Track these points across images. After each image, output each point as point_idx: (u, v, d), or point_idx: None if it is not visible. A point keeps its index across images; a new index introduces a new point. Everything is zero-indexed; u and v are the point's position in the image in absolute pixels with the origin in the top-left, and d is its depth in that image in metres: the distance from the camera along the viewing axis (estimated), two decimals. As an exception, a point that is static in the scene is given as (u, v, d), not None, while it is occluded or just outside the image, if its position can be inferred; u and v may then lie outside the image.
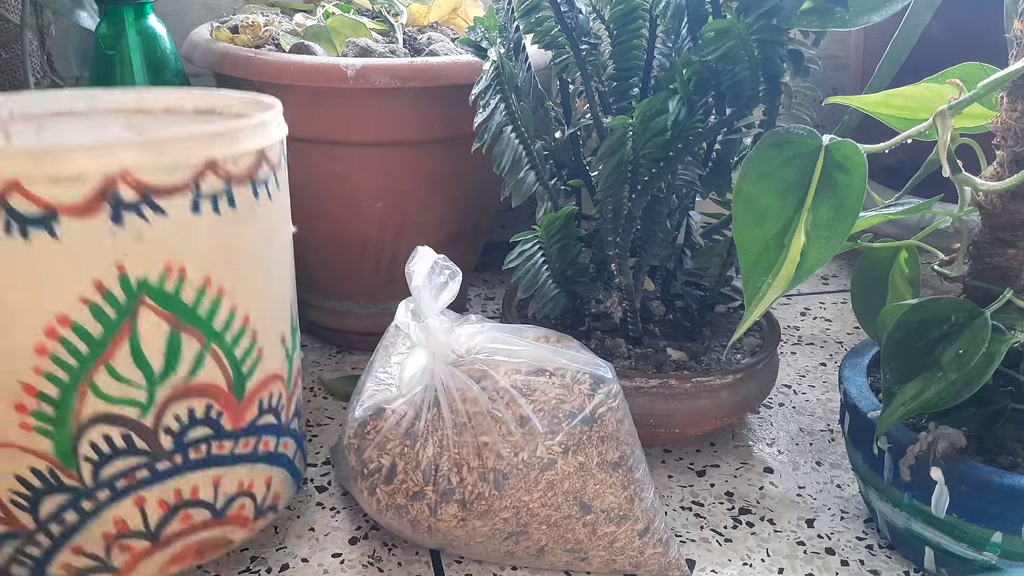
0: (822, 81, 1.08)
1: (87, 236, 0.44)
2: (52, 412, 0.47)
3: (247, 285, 0.51)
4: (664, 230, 0.68)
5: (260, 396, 0.53)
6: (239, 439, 0.53)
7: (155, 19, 0.73)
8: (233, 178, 0.48)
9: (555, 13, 0.62)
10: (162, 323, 0.47)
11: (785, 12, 0.55)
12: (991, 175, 0.54)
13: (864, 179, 0.47)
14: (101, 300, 0.45)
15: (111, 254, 0.45)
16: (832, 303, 0.98)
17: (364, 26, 0.77)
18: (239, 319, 0.50)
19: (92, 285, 0.45)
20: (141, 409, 0.48)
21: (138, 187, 0.44)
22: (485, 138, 0.64)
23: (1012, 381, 0.56)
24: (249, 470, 0.54)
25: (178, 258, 0.47)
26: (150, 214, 0.45)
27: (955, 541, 0.54)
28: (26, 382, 0.46)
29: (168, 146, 0.45)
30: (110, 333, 0.46)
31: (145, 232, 0.45)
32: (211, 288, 0.48)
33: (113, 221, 0.44)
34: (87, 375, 0.46)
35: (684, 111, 0.58)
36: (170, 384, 0.49)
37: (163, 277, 0.46)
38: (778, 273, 0.48)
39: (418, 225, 0.77)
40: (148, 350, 0.47)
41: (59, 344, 0.45)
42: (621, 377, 0.64)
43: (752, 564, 0.59)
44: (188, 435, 0.50)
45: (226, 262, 0.49)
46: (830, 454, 0.71)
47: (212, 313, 0.49)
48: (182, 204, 0.46)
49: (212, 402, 0.51)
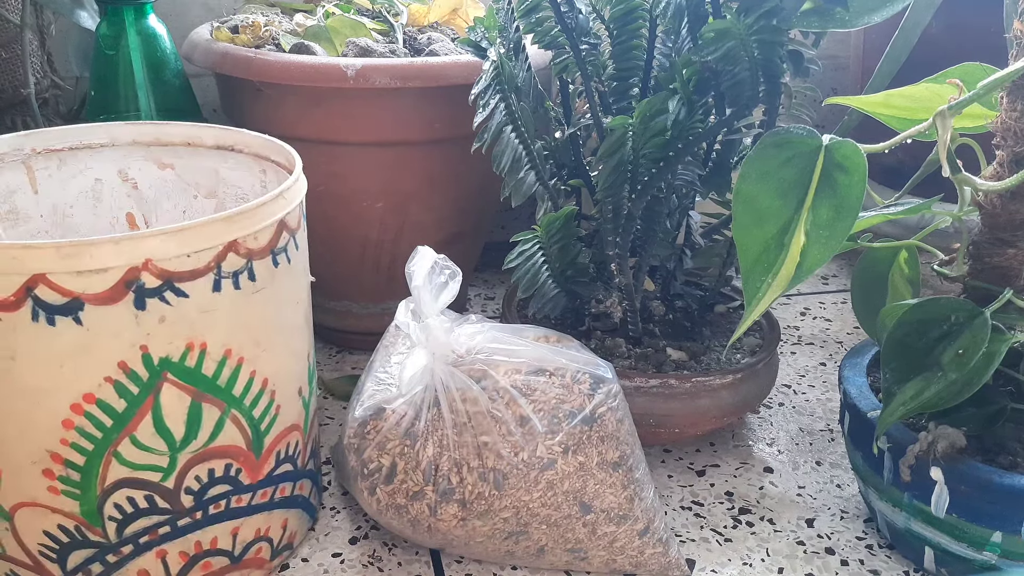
0: (822, 81, 1.08)
1: (111, 321, 0.45)
2: (78, 478, 0.48)
3: (266, 350, 0.52)
4: (664, 230, 0.68)
5: (278, 448, 0.54)
6: (257, 491, 0.54)
7: (155, 19, 0.73)
8: (253, 253, 0.49)
9: (555, 13, 0.62)
10: (183, 395, 0.48)
11: (785, 13, 0.55)
12: (991, 175, 0.54)
13: (864, 179, 0.47)
14: (125, 378, 0.46)
15: (134, 336, 0.46)
16: (832, 303, 0.98)
17: (364, 26, 0.77)
18: (258, 383, 0.51)
19: (116, 365, 0.46)
20: (163, 473, 0.49)
21: (161, 274, 0.45)
22: (485, 138, 0.64)
23: (1012, 381, 0.56)
24: (267, 517, 0.55)
25: (199, 335, 0.48)
26: (172, 298, 0.46)
27: (955, 541, 0.54)
28: (53, 451, 0.47)
29: (190, 233, 0.46)
30: (134, 407, 0.47)
31: (168, 314, 0.46)
32: (231, 359, 0.49)
33: (136, 307, 0.45)
34: (111, 445, 0.47)
35: (684, 111, 0.58)
36: (191, 450, 0.50)
37: (185, 354, 0.47)
38: (778, 273, 0.48)
39: (418, 225, 0.77)
40: (170, 421, 0.48)
41: (84, 418, 0.46)
42: (621, 377, 0.64)
43: (752, 564, 0.59)
44: (208, 493, 0.51)
45: (246, 332, 0.50)
46: (830, 454, 0.71)
47: (232, 381, 0.50)
48: (204, 285, 0.47)
49: (231, 461, 0.52)
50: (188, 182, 0.64)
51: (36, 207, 0.60)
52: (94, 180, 0.62)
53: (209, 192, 0.64)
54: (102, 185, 0.62)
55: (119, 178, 0.63)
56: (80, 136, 0.61)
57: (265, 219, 0.49)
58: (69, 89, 0.88)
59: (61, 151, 0.60)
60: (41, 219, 0.60)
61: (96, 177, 0.62)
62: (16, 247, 0.42)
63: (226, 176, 0.63)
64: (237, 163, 0.62)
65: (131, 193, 0.63)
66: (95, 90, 0.73)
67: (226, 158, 0.63)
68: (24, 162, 0.58)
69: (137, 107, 0.72)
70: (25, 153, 0.58)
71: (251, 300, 0.49)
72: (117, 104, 0.72)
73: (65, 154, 0.60)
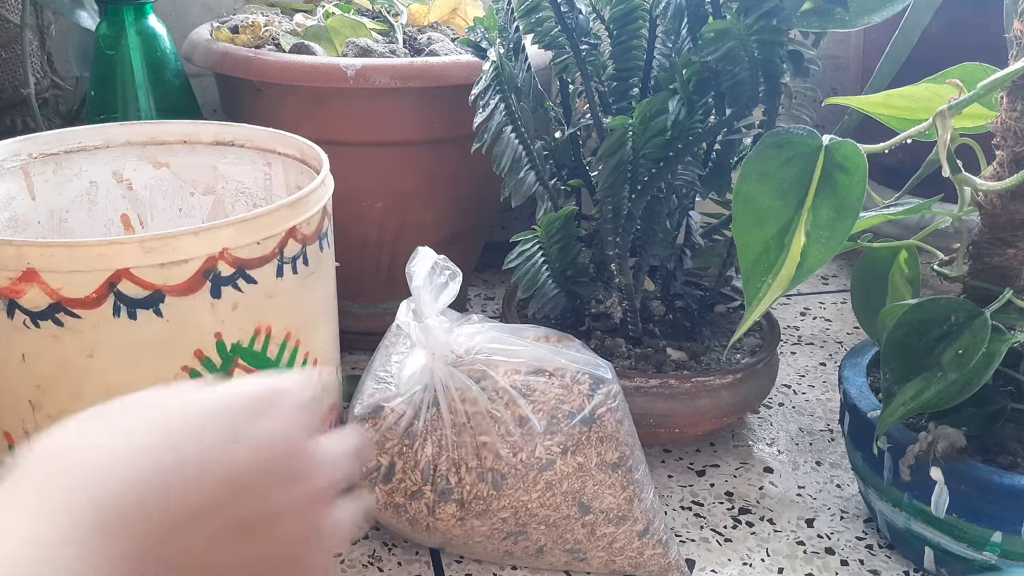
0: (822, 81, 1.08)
1: (190, 310, 0.46)
2: None
3: (315, 331, 0.54)
4: (664, 230, 0.68)
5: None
6: None
7: (155, 19, 0.73)
8: (307, 239, 0.51)
9: (555, 13, 0.62)
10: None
11: (785, 13, 0.55)
12: (991, 175, 0.54)
13: (864, 179, 0.47)
14: (201, 367, 0.48)
15: (211, 324, 0.47)
16: (832, 303, 0.98)
17: (364, 26, 0.77)
18: (311, 363, 0.54)
19: (193, 354, 0.47)
20: None
21: (235, 262, 0.47)
22: (485, 138, 0.64)
23: (1012, 381, 0.56)
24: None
25: (266, 320, 0.50)
26: (244, 284, 0.48)
27: (955, 541, 0.54)
28: None
29: (260, 221, 0.48)
30: None
31: (240, 301, 0.48)
32: (291, 341, 0.52)
33: (213, 295, 0.47)
34: None
35: (684, 111, 0.58)
36: None
37: (253, 339, 0.49)
38: (778, 273, 0.48)
39: (418, 225, 0.77)
40: None
41: None
42: (621, 377, 0.64)
43: (752, 564, 0.59)
44: None
45: (301, 315, 0.53)
46: (830, 454, 0.71)
47: (291, 363, 0.52)
48: (269, 271, 0.49)
49: None
50: (184, 180, 0.64)
51: (35, 213, 0.60)
52: (89, 183, 0.62)
53: (207, 188, 0.64)
54: (97, 188, 0.63)
55: (113, 179, 0.63)
56: (75, 139, 0.61)
57: (315, 205, 0.51)
58: (69, 89, 0.88)
59: (57, 155, 0.60)
60: (39, 225, 0.61)
61: (91, 180, 0.62)
62: (101, 244, 0.44)
63: (225, 171, 0.64)
64: (238, 157, 0.63)
65: (126, 194, 0.64)
66: (95, 90, 0.73)
67: (225, 153, 0.63)
68: (22, 168, 0.59)
69: (137, 107, 0.72)
70: (23, 159, 0.59)
71: (305, 284, 0.52)
72: (116, 104, 0.72)
73: (61, 158, 0.60)
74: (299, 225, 0.50)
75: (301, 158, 0.60)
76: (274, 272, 0.49)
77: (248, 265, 0.48)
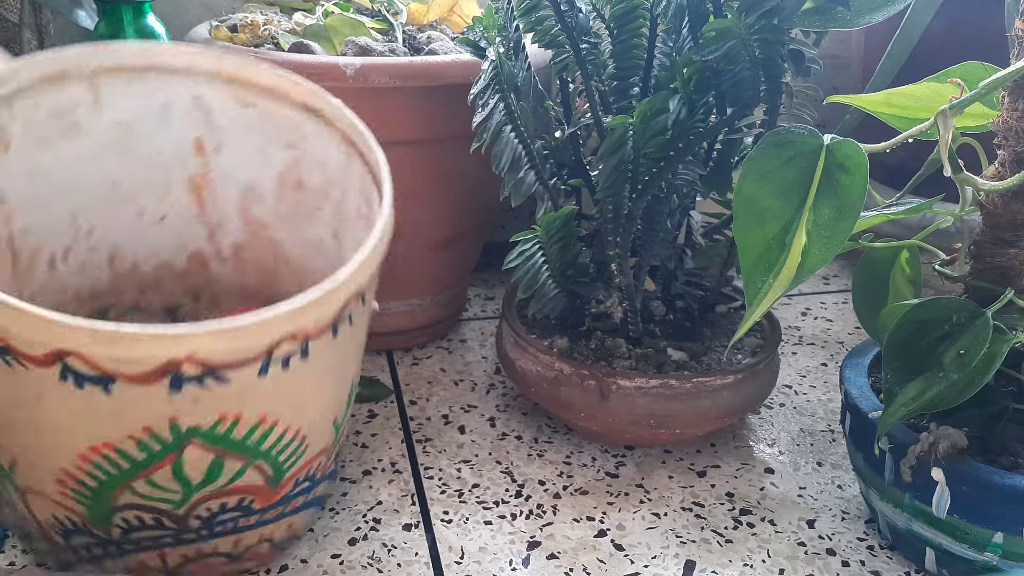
0: (823, 80, 1.08)
1: (142, 397, 0.43)
2: (89, 495, 0.47)
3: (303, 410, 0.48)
4: (664, 230, 0.68)
5: (297, 476, 0.53)
6: (268, 511, 0.52)
7: (154, 18, 0.72)
8: (311, 336, 0.45)
9: (555, 12, 0.62)
10: (207, 454, 0.46)
11: (786, 12, 0.55)
12: (992, 175, 0.54)
13: (866, 179, 0.47)
14: (148, 439, 0.44)
15: (165, 410, 0.44)
16: (833, 303, 0.98)
17: (363, 25, 0.77)
18: (289, 435, 0.49)
19: (141, 428, 0.44)
20: (174, 506, 0.48)
21: (204, 365, 0.42)
22: (484, 137, 0.64)
23: (1014, 381, 0.56)
24: (273, 527, 0.54)
25: (235, 409, 0.45)
26: (212, 383, 0.43)
27: (956, 542, 0.54)
28: (69, 471, 0.46)
29: (244, 332, 0.42)
30: (154, 460, 0.46)
31: (203, 396, 0.43)
32: (266, 423, 0.47)
33: (172, 389, 0.43)
34: (126, 481, 0.46)
35: (685, 111, 0.58)
36: (208, 491, 0.48)
37: (216, 423, 0.45)
38: (779, 273, 0.48)
39: (418, 225, 0.77)
40: (189, 470, 0.47)
41: (102, 459, 0.45)
42: (622, 377, 0.64)
43: (753, 565, 0.59)
44: (217, 519, 0.50)
45: (288, 403, 0.47)
46: (831, 455, 0.71)
47: (262, 440, 0.47)
48: (249, 372, 0.43)
49: (246, 496, 0.50)
50: (268, 125, 0.58)
51: (98, 122, 0.56)
52: (166, 100, 0.57)
53: (289, 143, 0.58)
54: (173, 107, 0.58)
55: (193, 103, 0.58)
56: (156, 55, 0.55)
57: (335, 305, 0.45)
58: (68, 88, 0.88)
59: (131, 70, 0.55)
60: (102, 134, 0.56)
61: (167, 98, 0.57)
62: (50, 320, 0.40)
63: (310, 136, 0.58)
64: (321, 132, 0.57)
65: (206, 119, 0.58)
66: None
67: (312, 121, 0.57)
68: (89, 79, 0.54)
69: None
70: (91, 69, 0.54)
71: (298, 376, 0.46)
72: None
73: (135, 74, 0.55)
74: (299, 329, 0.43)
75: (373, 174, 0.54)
76: (255, 373, 0.43)
77: (221, 367, 0.42)
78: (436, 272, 0.82)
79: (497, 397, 0.77)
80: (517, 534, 0.61)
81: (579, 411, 0.66)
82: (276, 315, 0.42)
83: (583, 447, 0.71)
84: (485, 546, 0.60)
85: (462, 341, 0.87)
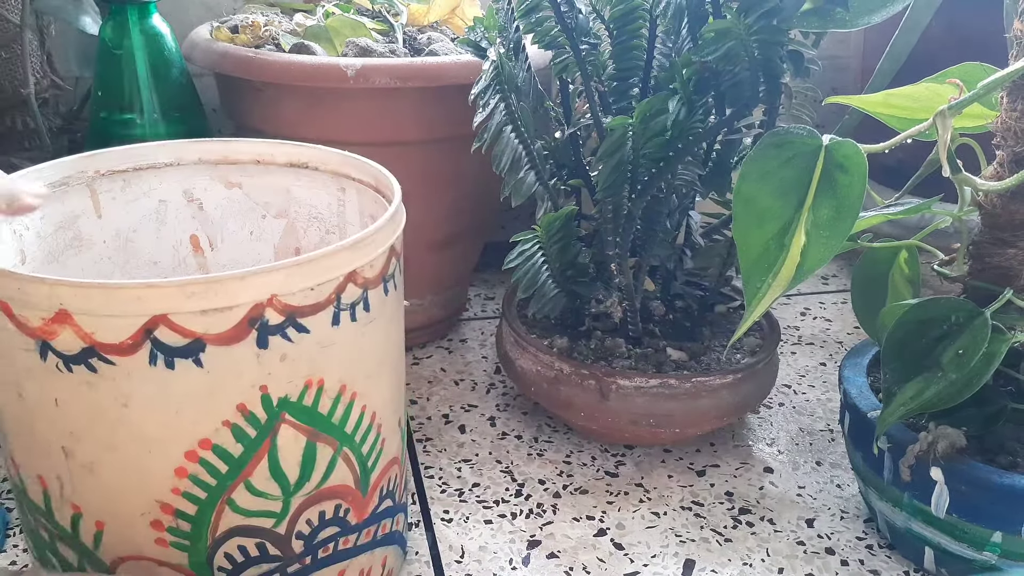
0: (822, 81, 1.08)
1: (233, 361, 0.42)
2: (189, 528, 0.45)
3: (374, 383, 0.50)
4: (664, 230, 0.68)
5: (381, 484, 0.52)
6: (363, 530, 0.52)
7: (159, 19, 0.73)
8: (369, 283, 0.47)
9: (555, 13, 0.62)
10: (300, 436, 0.46)
11: (785, 13, 0.55)
12: (991, 175, 0.54)
13: (864, 179, 0.47)
14: (243, 421, 0.44)
15: (255, 376, 0.43)
16: (832, 303, 0.98)
17: (364, 26, 0.77)
18: (367, 418, 0.49)
19: (235, 408, 0.44)
20: (276, 519, 0.47)
21: (284, 310, 0.43)
22: (485, 138, 0.64)
23: (1012, 381, 0.56)
24: (369, 557, 0.53)
25: (318, 371, 0.45)
26: (294, 334, 0.44)
27: (955, 541, 0.54)
28: (164, 501, 0.44)
29: (315, 266, 0.43)
30: (251, 451, 0.45)
31: (289, 352, 0.44)
32: (345, 394, 0.47)
33: (259, 345, 0.43)
34: (226, 492, 0.45)
35: (684, 111, 0.58)
36: (304, 492, 0.47)
37: (303, 392, 0.45)
38: (778, 273, 0.48)
39: (418, 225, 0.77)
40: (285, 463, 0.46)
41: (199, 465, 0.44)
42: (621, 377, 0.64)
43: (752, 564, 0.59)
44: (318, 536, 0.49)
45: (359, 365, 0.48)
46: (830, 454, 0.71)
47: (345, 418, 0.48)
48: (324, 319, 0.45)
49: (341, 502, 0.49)
50: (256, 201, 0.61)
51: (100, 232, 0.58)
52: (158, 202, 0.59)
53: (279, 212, 0.61)
54: (166, 207, 0.60)
55: (184, 199, 0.60)
56: (145, 156, 0.58)
57: (380, 246, 0.47)
58: (69, 89, 0.88)
59: (126, 172, 0.57)
60: (104, 245, 0.58)
61: (160, 198, 0.59)
62: (138, 287, 0.40)
63: (298, 195, 0.60)
64: (312, 181, 0.59)
65: (196, 214, 0.61)
66: (100, 89, 0.73)
67: (299, 176, 0.60)
68: (88, 185, 0.56)
69: (141, 106, 0.72)
70: (89, 176, 0.56)
71: (365, 331, 0.47)
72: (121, 102, 0.72)
73: (129, 175, 0.57)
74: (360, 269, 0.45)
75: (375, 186, 0.56)
76: (329, 320, 0.45)
77: (300, 313, 0.43)
78: (436, 272, 0.82)
79: (497, 397, 0.78)
80: (517, 533, 0.61)
81: (579, 410, 0.66)
82: (337, 248, 0.44)
83: (583, 446, 0.71)
84: (485, 545, 0.60)
85: (462, 341, 0.87)
